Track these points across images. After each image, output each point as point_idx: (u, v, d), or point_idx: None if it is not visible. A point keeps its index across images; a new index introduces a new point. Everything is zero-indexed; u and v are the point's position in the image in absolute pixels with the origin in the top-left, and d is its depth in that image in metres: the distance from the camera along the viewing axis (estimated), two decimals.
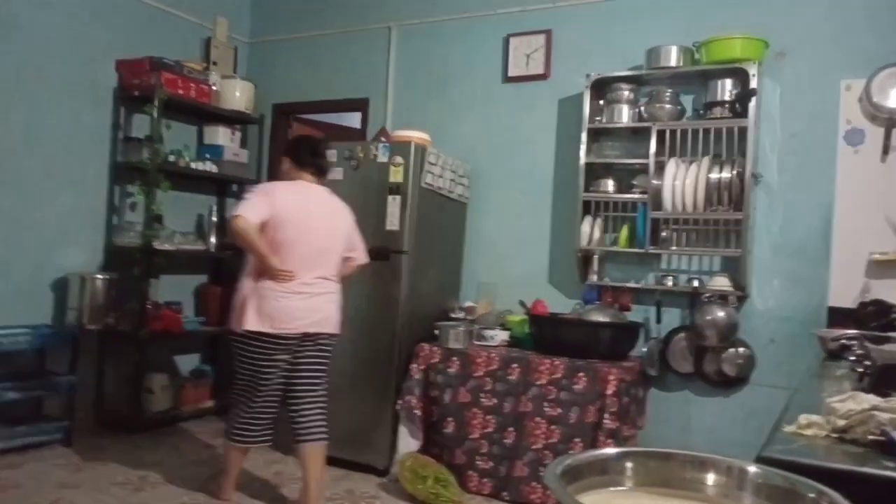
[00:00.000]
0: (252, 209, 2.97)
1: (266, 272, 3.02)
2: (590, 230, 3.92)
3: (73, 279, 4.23)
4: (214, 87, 4.92)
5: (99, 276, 4.28)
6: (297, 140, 3.59)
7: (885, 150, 3.42)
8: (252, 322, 3.01)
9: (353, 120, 5.33)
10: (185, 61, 4.78)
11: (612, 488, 1.00)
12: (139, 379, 4.42)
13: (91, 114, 4.49)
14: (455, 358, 3.69)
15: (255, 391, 3.13)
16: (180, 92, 4.61)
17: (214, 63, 5.10)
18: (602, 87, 3.96)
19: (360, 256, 3.39)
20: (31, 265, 4.17)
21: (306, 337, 3.13)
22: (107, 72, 4.55)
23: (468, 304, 4.24)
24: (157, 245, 4.46)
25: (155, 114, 4.41)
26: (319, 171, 3.26)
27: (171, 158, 4.62)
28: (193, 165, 4.78)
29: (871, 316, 3.09)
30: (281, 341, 3.07)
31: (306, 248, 3.07)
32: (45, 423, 4.10)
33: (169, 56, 4.62)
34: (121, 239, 4.53)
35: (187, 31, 5.08)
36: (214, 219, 5.01)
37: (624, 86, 3.91)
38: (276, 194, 3.09)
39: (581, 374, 3.39)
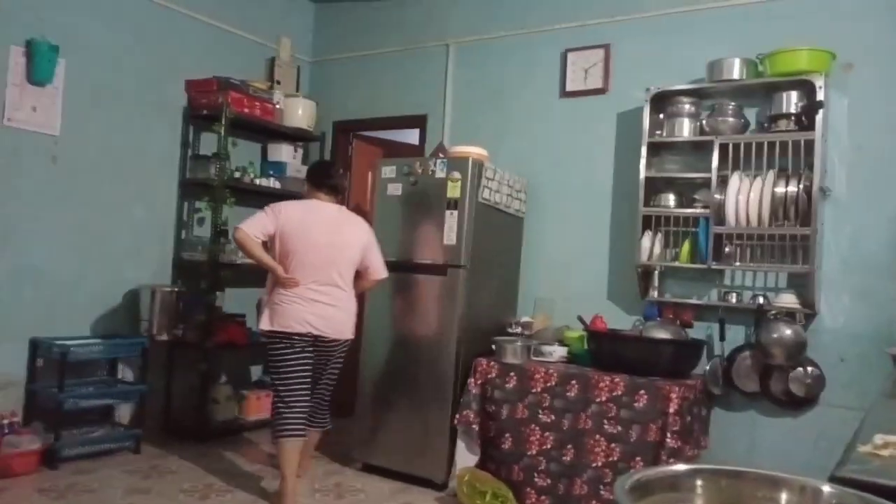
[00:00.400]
0: (253, 223, 3.39)
1: (275, 279, 3.44)
2: (650, 245, 3.87)
3: (143, 291, 4.40)
4: (278, 106, 5.07)
5: (168, 289, 4.45)
6: (313, 165, 4.00)
7: None
8: (266, 323, 3.46)
9: (411, 136, 5.41)
10: (251, 81, 4.94)
11: None
12: (205, 389, 4.55)
13: (161, 131, 4.68)
14: (512, 373, 3.68)
15: (286, 385, 3.46)
16: (246, 110, 4.77)
17: (278, 82, 5.26)
18: (662, 101, 3.92)
19: (377, 271, 3.69)
20: (103, 277, 4.36)
21: (318, 340, 3.48)
22: (176, 91, 4.75)
23: (525, 319, 4.22)
24: (223, 259, 4.60)
25: (222, 132, 4.57)
26: (332, 191, 3.61)
27: (237, 175, 4.78)
28: (258, 181, 4.93)
29: None
30: (295, 339, 3.42)
31: (309, 257, 3.42)
32: (116, 430, 4.26)
33: (235, 75, 4.79)
34: (188, 253, 4.69)
35: (252, 51, 5.25)
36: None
37: (685, 99, 3.86)
38: (282, 211, 3.46)
39: (642, 391, 3.34)
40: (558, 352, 3.87)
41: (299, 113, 5.14)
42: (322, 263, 3.44)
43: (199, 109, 4.72)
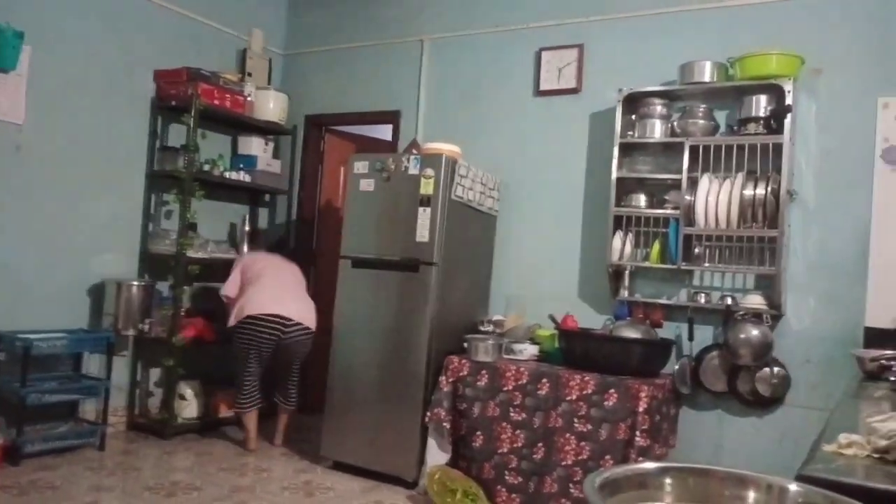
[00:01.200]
0: (231, 286, 4.43)
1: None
2: (621, 245, 3.90)
3: (109, 285, 4.32)
4: (249, 98, 5.00)
5: (134, 283, 4.37)
6: (251, 233, 5.10)
7: None
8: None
9: (384, 132, 5.39)
10: (222, 72, 4.87)
11: (649, 503, 1.00)
12: (171, 385, 4.48)
13: (129, 122, 4.59)
14: (484, 371, 3.69)
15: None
16: (216, 102, 4.70)
17: (249, 74, 5.19)
18: (634, 102, 3.95)
19: None
20: (69, 270, 4.26)
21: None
22: (145, 82, 4.66)
23: (497, 317, 4.23)
24: (191, 253, 4.53)
25: (191, 123, 4.49)
26: (269, 248, 4.92)
27: (206, 168, 4.71)
28: (227, 175, 4.87)
29: None
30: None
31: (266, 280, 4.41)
32: (81, 426, 4.18)
33: (205, 67, 4.72)
34: (156, 246, 4.61)
35: (224, 42, 5.18)
36: (247, 228, 5.07)
37: (657, 101, 3.89)
38: (244, 262, 4.54)
39: (612, 390, 3.36)
40: (529, 350, 3.88)
41: (270, 106, 5.08)
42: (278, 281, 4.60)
43: (167, 100, 4.64)
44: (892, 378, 1.77)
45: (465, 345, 3.85)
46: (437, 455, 3.74)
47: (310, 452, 4.28)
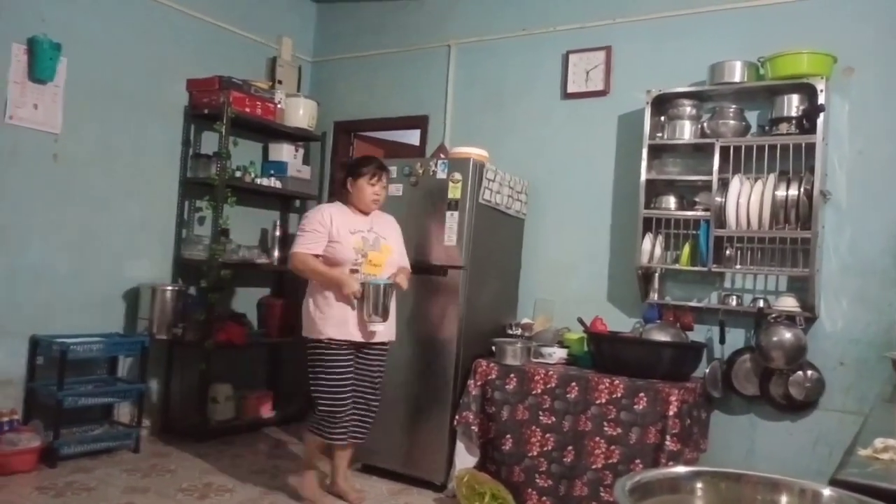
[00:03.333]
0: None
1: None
2: (651, 248, 3.87)
3: (143, 290, 4.40)
4: (279, 105, 5.07)
5: (168, 288, 4.44)
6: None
7: None
8: None
9: (412, 137, 5.41)
10: (252, 80, 4.94)
11: None
12: (204, 388, 4.55)
13: (162, 130, 4.68)
14: (513, 375, 3.68)
15: None
16: (247, 110, 4.77)
17: (279, 82, 5.26)
18: (663, 104, 3.92)
19: None
20: (104, 276, 4.35)
21: None
22: (177, 90, 4.75)
23: (525, 320, 4.23)
24: (224, 258, 4.60)
25: (223, 131, 4.57)
26: None
27: (238, 174, 4.78)
28: (259, 181, 4.93)
29: None
30: None
31: None
32: (116, 428, 4.26)
33: (236, 75, 4.79)
34: (189, 252, 4.69)
35: (254, 50, 5.25)
36: (278, 233, 5.13)
37: (686, 102, 3.86)
38: None
39: (641, 394, 3.33)
40: (558, 353, 3.87)
41: (300, 113, 5.14)
42: None
43: (200, 108, 4.72)
44: None
45: (494, 348, 3.85)
46: (465, 458, 3.74)
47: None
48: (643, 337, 3.65)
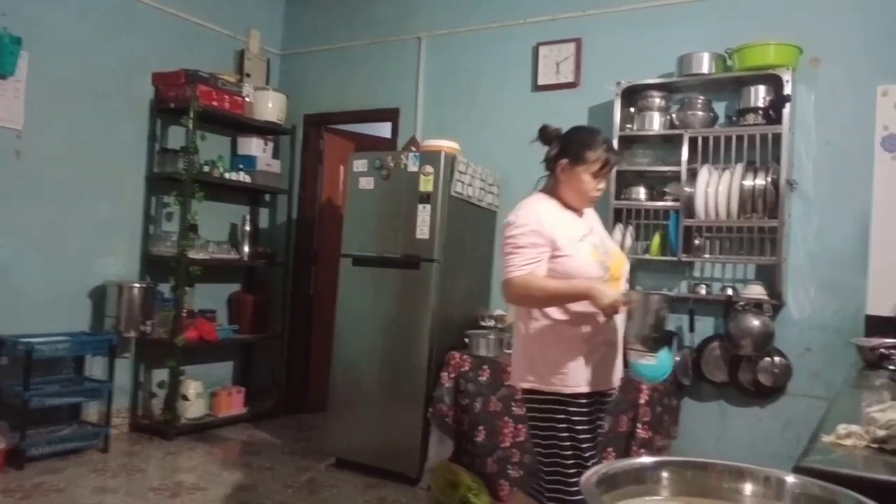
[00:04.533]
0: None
1: None
2: (621, 238, 3.89)
3: (110, 287, 4.33)
4: (247, 99, 5.00)
5: (136, 285, 4.37)
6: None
7: None
8: None
9: (383, 130, 5.38)
10: (220, 73, 4.87)
11: (647, 498, 1.00)
12: (174, 386, 4.49)
13: (128, 125, 4.59)
14: (486, 366, 3.69)
15: None
16: (214, 104, 4.70)
17: (248, 75, 5.19)
18: (633, 95, 3.94)
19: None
20: (70, 274, 4.27)
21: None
22: (143, 84, 4.66)
23: (498, 312, 4.23)
24: (192, 254, 4.54)
25: (190, 125, 4.50)
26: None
27: (206, 169, 4.71)
28: (227, 176, 4.87)
29: None
30: None
31: None
32: (84, 428, 4.19)
33: (203, 68, 4.72)
34: (157, 248, 4.62)
35: (221, 43, 5.18)
36: (247, 228, 5.08)
37: (655, 93, 3.88)
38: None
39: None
40: None
41: (269, 106, 5.08)
42: None
43: (166, 103, 4.64)
44: (892, 367, 1.76)
45: (467, 340, 3.86)
46: (439, 450, 3.75)
47: (313, 451, 4.29)
48: None
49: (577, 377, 2.26)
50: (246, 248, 5.05)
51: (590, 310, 2.21)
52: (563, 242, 2.28)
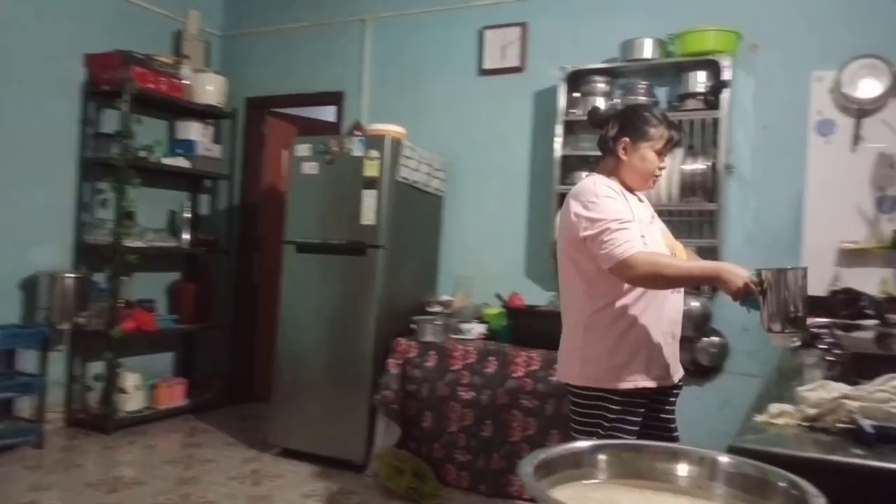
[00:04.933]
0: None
1: None
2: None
3: (42, 278, 4.15)
4: (186, 82, 4.85)
5: (69, 275, 4.21)
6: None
7: (855, 141, 3.46)
8: None
9: (327, 114, 5.30)
10: (156, 55, 4.70)
11: (585, 481, 1.00)
12: (112, 378, 4.34)
13: (60, 109, 4.39)
14: (432, 352, 3.68)
15: None
16: (151, 86, 4.54)
17: (186, 57, 5.02)
18: (577, 80, 3.96)
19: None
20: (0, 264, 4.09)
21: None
22: (75, 66, 4.46)
23: (445, 297, 4.23)
24: (129, 242, 4.39)
25: (125, 109, 4.33)
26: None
27: (142, 154, 4.55)
28: (165, 161, 4.72)
29: (841, 304, 3.12)
30: None
31: None
32: (16, 424, 4.03)
33: (139, 50, 4.55)
34: (91, 236, 4.45)
35: (158, 24, 5.00)
36: (187, 215, 4.94)
37: (599, 78, 3.91)
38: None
39: (557, 365, 3.38)
40: (477, 329, 3.89)
41: (209, 89, 4.93)
42: None
43: (100, 85, 4.45)
44: (823, 346, 1.82)
45: (413, 326, 3.84)
46: (386, 437, 3.73)
47: (257, 441, 4.22)
48: (558, 310, 3.69)
49: (637, 370, 2.08)
50: (186, 236, 4.91)
51: (653, 293, 2.07)
52: (638, 225, 2.07)
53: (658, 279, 1.97)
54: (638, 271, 1.94)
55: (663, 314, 2.14)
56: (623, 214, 2.02)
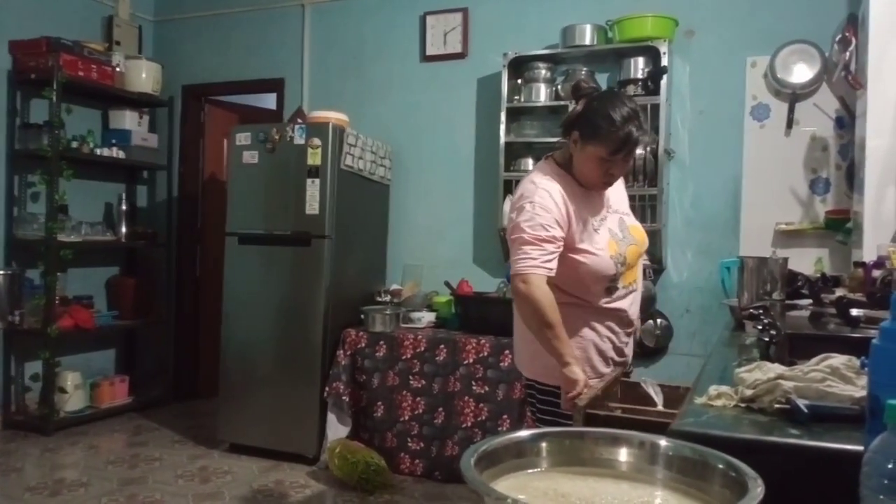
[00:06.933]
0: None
1: None
2: (510, 211, 3.93)
3: None
4: (118, 69, 4.68)
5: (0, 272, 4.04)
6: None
7: (789, 124, 3.56)
8: None
9: (268, 101, 5.19)
10: (86, 42, 4.53)
11: (528, 471, 1.00)
12: (50, 378, 4.20)
13: None
14: (382, 342, 3.67)
15: None
16: (81, 74, 4.37)
17: (117, 43, 4.85)
18: (519, 66, 3.97)
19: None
20: None
21: None
22: None
23: (394, 286, 4.21)
24: (63, 237, 4.24)
25: (54, 98, 4.17)
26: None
27: (74, 145, 4.39)
28: (98, 152, 4.56)
29: None
30: None
31: None
32: None
33: (67, 36, 4.37)
34: (22, 231, 4.29)
35: (87, 9, 4.80)
36: (124, 207, 4.79)
37: (541, 65, 3.92)
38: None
39: (507, 351, 3.41)
40: (427, 317, 3.89)
41: (143, 76, 4.77)
42: None
43: (26, 73, 4.26)
44: (760, 327, 1.87)
45: (363, 316, 3.82)
46: (337, 429, 3.71)
47: (205, 437, 4.14)
48: (507, 297, 3.72)
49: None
50: (123, 229, 4.76)
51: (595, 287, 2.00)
52: (580, 233, 1.97)
53: (533, 314, 1.91)
54: (524, 293, 1.89)
55: (611, 312, 2.09)
56: (546, 230, 1.91)
